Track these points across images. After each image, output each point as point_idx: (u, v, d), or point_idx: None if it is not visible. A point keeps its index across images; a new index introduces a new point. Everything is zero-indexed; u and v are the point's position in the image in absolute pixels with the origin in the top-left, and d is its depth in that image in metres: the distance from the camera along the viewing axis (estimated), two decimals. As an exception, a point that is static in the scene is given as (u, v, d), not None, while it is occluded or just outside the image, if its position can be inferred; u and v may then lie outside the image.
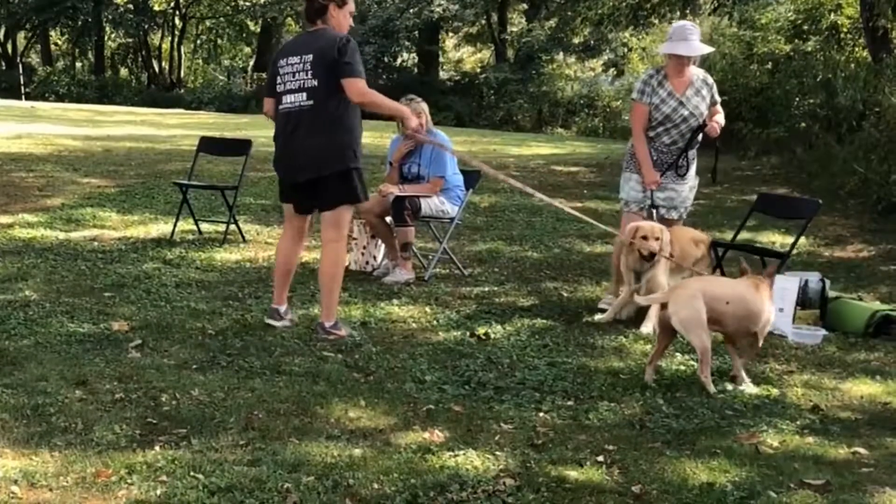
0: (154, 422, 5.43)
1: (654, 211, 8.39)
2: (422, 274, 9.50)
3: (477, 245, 11.20)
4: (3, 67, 52.56)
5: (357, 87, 7.06)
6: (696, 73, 8.47)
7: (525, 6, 44.45)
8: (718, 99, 8.60)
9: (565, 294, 9.06)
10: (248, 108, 41.03)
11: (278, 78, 7.20)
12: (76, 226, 11.16)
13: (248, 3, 49.77)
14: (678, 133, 8.38)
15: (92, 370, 6.26)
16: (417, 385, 6.31)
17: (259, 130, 23.50)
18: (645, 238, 7.79)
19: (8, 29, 52.81)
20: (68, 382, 5.99)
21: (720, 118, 8.49)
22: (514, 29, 43.71)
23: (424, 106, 9.53)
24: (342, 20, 7.26)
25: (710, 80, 8.58)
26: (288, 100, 7.18)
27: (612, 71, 39.40)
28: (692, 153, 8.51)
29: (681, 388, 6.48)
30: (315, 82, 7.07)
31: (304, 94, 7.11)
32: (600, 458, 5.18)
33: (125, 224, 11.41)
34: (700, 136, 8.46)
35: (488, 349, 7.19)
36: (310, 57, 7.07)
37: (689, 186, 8.56)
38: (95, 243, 10.35)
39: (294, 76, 7.13)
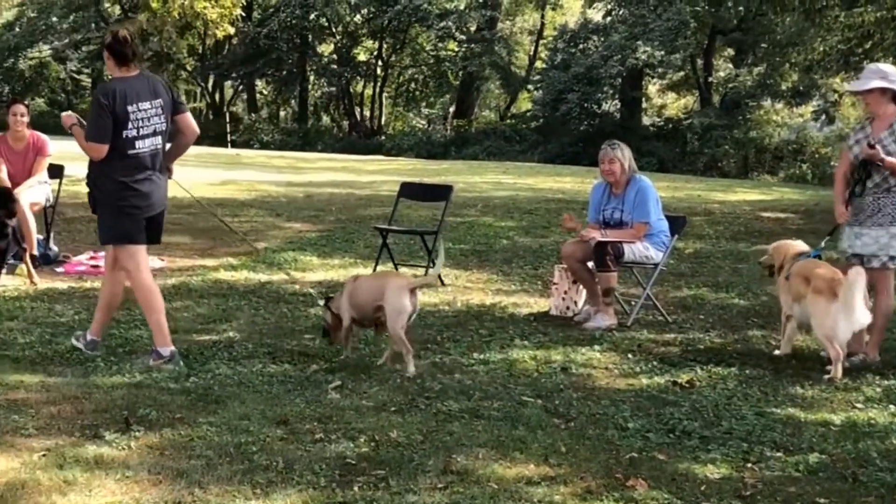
0: (353, 462, 5.40)
1: (859, 259, 8.02)
2: (624, 320, 9.29)
3: (681, 291, 10.93)
4: (211, 116, 54.53)
5: (194, 122, 7.74)
6: None
7: (731, 52, 43.85)
8: None
9: (773, 342, 8.72)
10: (447, 154, 41.45)
11: (129, 124, 7.25)
12: (278, 269, 11.34)
13: (449, 54, 50.43)
14: (881, 176, 8.00)
15: (293, 410, 6.29)
16: (620, 432, 6.13)
17: (458, 176, 23.70)
18: None
19: (216, 79, 54.82)
20: (270, 422, 6.03)
21: None
22: (721, 74, 43.13)
23: (624, 153, 9.38)
24: None
25: None
26: (147, 143, 7.35)
27: (822, 117, 38.41)
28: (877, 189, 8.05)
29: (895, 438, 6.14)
30: (165, 126, 7.44)
31: (160, 138, 7.43)
32: (812, 513, 4.91)
33: (325, 267, 11.55)
34: (884, 171, 8.00)
35: (693, 397, 6.95)
36: (159, 101, 7.39)
37: (889, 233, 8.06)
38: (296, 286, 10.48)
39: (149, 121, 7.32)
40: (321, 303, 8.41)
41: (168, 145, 7.63)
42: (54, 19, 52.59)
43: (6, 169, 10.92)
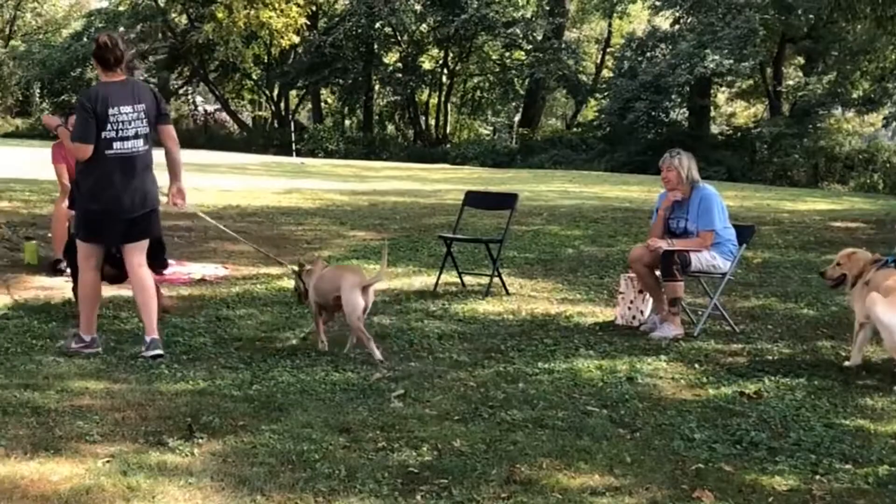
0: (416, 471, 5.38)
1: None
2: (690, 330, 9.18)
3: (749, 301, 10.78)
4: (276, 125, 54.96)
5: (174, 133, 8.06)
6: None
7: (801, 60, 43.43)
8: None
9: (842, 353, 8.57)
10: (513, 163, 41.40)
11: (108, 126, 7.58)
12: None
13: (516, 62, 50.39)
14: None
15: (355, 418, 6.27)
16: (686, 443, 6.06)
17: (523, 185, 23.67)
18: None
19: (281, 88, 55.21)
20: (332, 430, 6.03)
21: None
22: (790, 83, 42.72)
23: (682, 161, 9.28)
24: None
25: None
26: (127, 145, 7.66)
27: (893, 125, 37.89)
28: None
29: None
30: (147, 130, 7.74)
31: (141, 141, 7.72)
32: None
33: (389, 276, 11.52)
34: None
35: (760, 408, 6.84)
36: (142, 106, 7.72)
37: None
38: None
39: (130, 124, 7.64)
40: (294, 269, 8.72)
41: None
42: (121, 29, 53.21)
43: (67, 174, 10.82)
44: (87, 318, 7.86)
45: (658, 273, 9.22)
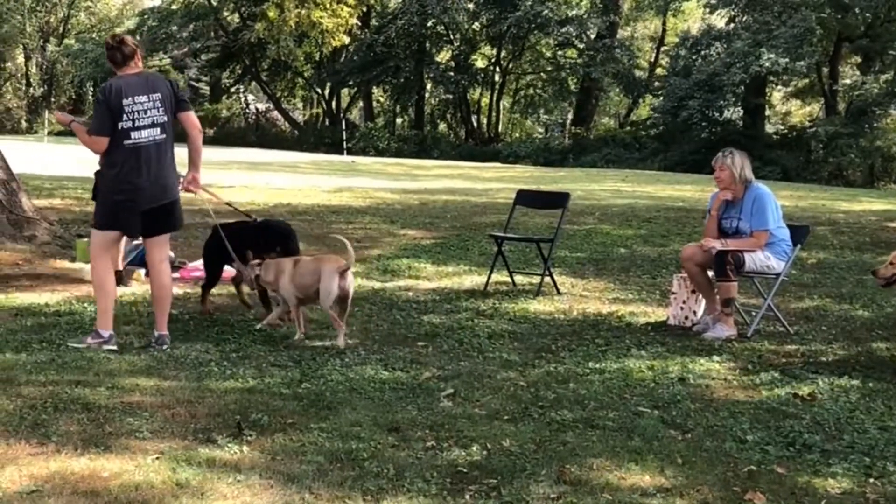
0: (465, 471, 5.35)
1: None
2: (744, 330, 9.09)
3: (803, 302, 10.66)
4: (327, 124, 55.16)
5: (196, 119, 8.11)
6: None
7: (858, 59, 43.00)
8: None
9: (899, 355, 8.46)
10: (565, 161, 41.30)
11: (124, 116, 7.66)
12: (392, 276, 11.36)
13: (569, 60, 50.26)
14: None
15: (404, 417, 6.25)
16: (738, 444, 5.99)
17: (575, 184, 23.59)
18: None
19: (333, 87, 55.42)
20: (381, 428, 6.01)
21: None
22: (847, 82, 42.30)
23: (735, 160, 9.17)
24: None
25: None
26: (144, 134, 7.73)
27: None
28: None
29: None
30: (164, 118, 7.80)
31: (159, 130, 7.79)
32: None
33: (439, 275, 11.52)
34: None
35: (814, 410, 6.75)
36: (157, 96, 7.78)
37: None
38: (410, 293, 10.48)
39: (146, 113, 7.72)
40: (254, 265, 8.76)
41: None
42: (174, 28, 53.78)
43: None
44: (103, 311, 7.90)
45: (711, 273, 9.13)
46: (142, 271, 10.17)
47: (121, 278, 9.96)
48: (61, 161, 25.44)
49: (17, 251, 11.50)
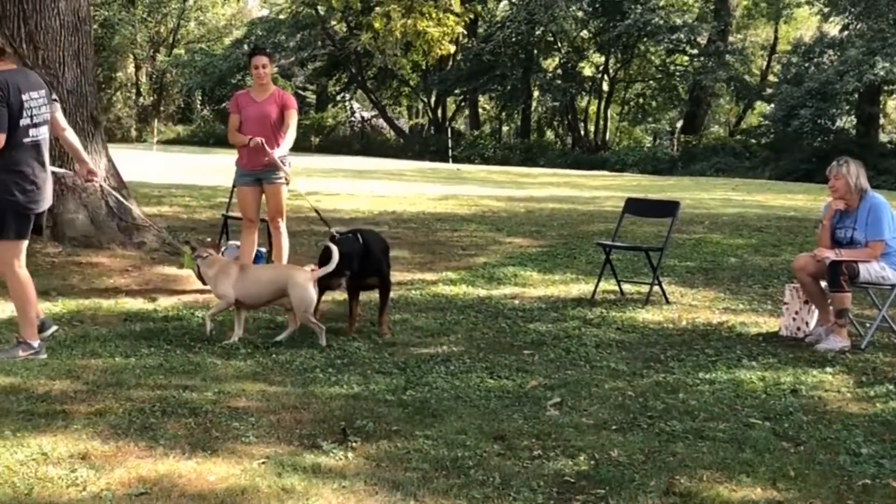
0: (572, 481, 5.29)
1: None
2: (857, 342, 8.87)
3: (920, 313, 10.39)
4: (433, 131, 55.35)
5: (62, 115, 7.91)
6: None
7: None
8: None
9: None
10: (674, 170, 40.91)
11: (24, 112, 7.30)
12: (498, 284, 11.30)
13: (679, 67, 49.80)
14: None
15: (510, 426, 6.20)
16: (852, 458, 5.83)
17: (684, 192, 23.32)
18: None
19: (439, 95, 55.61)
20: (487, 437, 5.96)
21: None
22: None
23: (850, 169, 8.95)
24: None
25: None
26: (40, 132, 7.46)
27: None
28: None
29: None
30: (48, 116, 7.55)
31: (46, 127, 7.55)
32: None
33: (546, 283, 11.44)
34: None
35: (933, 424, 6.55)
36: (43, 91, 7.51)
37: None
38: (516, 301, 10.42)
39: (39, 109, 7.42)
40: (187, 250, 8.99)
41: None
42: (282, 37, 54.39)
43: (247, 126, 10.09)
44: (30, 322, 7.62)
45: (824, 283, 8.93)
46: None
47: None
48: (170, 169, 25.85)
49: (126, 257, 11.69)
